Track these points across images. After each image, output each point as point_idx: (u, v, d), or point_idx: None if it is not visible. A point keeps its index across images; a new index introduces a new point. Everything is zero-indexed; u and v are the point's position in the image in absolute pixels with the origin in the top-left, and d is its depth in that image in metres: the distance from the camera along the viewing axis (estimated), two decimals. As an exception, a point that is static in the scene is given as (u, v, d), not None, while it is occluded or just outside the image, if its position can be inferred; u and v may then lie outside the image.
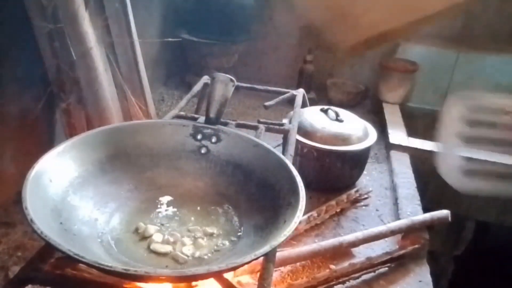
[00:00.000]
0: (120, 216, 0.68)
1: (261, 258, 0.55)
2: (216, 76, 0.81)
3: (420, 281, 0.99)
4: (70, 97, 1.19)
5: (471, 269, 1.87)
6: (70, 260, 0.52)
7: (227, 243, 0.65)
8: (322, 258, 1.03)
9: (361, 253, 1.06)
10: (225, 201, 0.73)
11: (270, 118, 1.08)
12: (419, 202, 1.28)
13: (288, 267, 0.99)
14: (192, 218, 0.69)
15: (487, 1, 2.07)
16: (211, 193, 0.75)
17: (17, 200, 1.15)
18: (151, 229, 0.65)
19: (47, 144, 1.27)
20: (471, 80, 2.09)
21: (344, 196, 1.25)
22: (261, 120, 0.99)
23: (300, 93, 1.20)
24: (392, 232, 1.05)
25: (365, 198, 1.30)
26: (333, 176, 1.29)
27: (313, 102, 1.52)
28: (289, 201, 0.64)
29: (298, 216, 0.59)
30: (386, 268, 1.02)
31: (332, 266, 1.01)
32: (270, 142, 0.79)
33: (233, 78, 0.81)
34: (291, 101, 1.16)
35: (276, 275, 0.97)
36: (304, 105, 1.26)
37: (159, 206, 0.71)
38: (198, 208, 0.72)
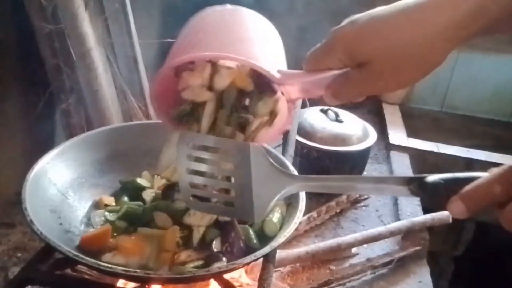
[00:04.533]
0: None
1: (261, 259, 0.55)
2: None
3: (420, 282, 0.99)
4: (70, 98, 1.19)
5: (471, 269, 1.87)
6: (70, 261, 0.52)
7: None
8: (322, 259, 1.03)
9: (361, 254, 1.06)
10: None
11: (270, 119, 1.08)
12: (419, 203, 1.28)
13: (288, 268, 0.99)
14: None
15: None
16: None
17: (17, 200, 1.15)
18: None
19: (47, 144, 1.27)
20: (471, 80, 2.10)
21: (344, 197, 1.24)
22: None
23: (300, 93, 1.20)
24: (391, 234, 1.05)
25: (365, 199, 1.30)
26: (333, 176, 1.29)
27: (313, 103, 1.52)
28: (289, 201, 0.65)
29: (298, 217, 0.59)
30: (386, 269, 1.02)
31: (332, 267, 1.01)
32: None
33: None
34: (291, 102, 1.16)
35: (276, 275, 0.96)
36: (304, 105, 1.27)
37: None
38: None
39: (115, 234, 0.60)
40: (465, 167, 1.59)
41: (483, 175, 0.35)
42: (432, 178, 0.40)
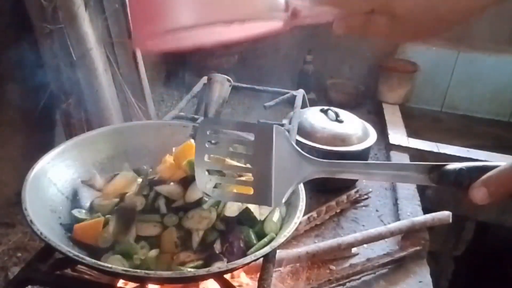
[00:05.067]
0: (120, 217, 0.68)
1: (261, 259, 0.55)
2: (213, 77, 0.82)
3: (420, 282, 0.99)
4: (70, 98, 1.19)
5: (471, 269, 1.87)
6: (70, 261, 0.52)
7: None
8: (322, 259, 1.03)
9: (361, 254, 1.06)
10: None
11: (270, 119, 1.08)
12: (419, 203, 1.28)
13: (288, 268, 0.99)
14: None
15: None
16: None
17: (17, 200, 1.15)
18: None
19: (47, 144, 1.27)
20: (471, 80, 2.10)
21: (344, 197, 1.24)
22: (261, 120, 0.99)
23: (300, 93, 1.20)
24: (392, 233, 1.05)
25: (365, 199, 1.30)
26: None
27: (313, 103, 1.52)
28: (289, 201, 0.64)
29: (298, 217, 0.59)
30: (386, 269, 1.02)
31: (332, 267, 1.01)
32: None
33: (229, 78, 0.82)
34: (291, 102, 1.16)
35: (276, 275, 0.96)
36: (304, 105, 1.26)
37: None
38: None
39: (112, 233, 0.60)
40: (465, 167, 1.58)
41: (503, 163, 0.36)
42: (453, 166, 0.40)
